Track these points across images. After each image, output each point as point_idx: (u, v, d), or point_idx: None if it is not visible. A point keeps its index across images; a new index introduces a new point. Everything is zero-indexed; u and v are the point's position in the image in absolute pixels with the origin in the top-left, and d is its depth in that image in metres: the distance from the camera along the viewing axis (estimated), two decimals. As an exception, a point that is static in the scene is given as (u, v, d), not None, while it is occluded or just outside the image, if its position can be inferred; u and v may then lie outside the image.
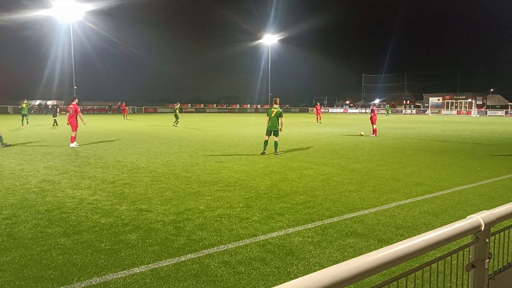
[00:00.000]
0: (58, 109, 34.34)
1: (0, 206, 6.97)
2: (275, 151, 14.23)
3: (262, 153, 14.07)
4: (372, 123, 23.20)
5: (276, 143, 14.27)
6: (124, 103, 52.46)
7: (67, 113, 16.94)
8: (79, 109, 16.97)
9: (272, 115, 14.02)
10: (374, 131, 23.11)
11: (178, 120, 31.91)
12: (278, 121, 13.96)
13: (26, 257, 4.73)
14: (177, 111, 32.33)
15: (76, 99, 17.36)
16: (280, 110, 14.11)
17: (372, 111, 23.71)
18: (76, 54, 72.96)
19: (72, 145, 16.37)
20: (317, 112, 41.50)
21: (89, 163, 12.03)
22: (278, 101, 14.46)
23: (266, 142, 14.29)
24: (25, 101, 32.54)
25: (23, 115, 31.15)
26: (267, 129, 14.19)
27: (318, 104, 44.23)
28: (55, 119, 32.84)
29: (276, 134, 14.10)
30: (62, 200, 7.48)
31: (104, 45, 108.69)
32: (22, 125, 30.94)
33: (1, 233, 5.59)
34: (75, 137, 16.59)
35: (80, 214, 6.53)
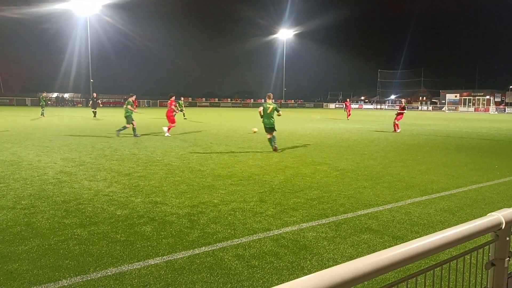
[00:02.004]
0: (99, 102, 35.10)
1: (18, 196, 7.11)
2: (276, 148, 13.58)
3: (274, 150, 13.52)
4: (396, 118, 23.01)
5: (274, 137, 13.59)
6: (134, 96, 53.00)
7: (167, 107, 20.21)
8: (173, 104, 19.99)
9: (268, 111, 13.27)
10: (396, 126, 22.99)
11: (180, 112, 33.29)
12: (273, 117, 13.29)
13: (44, 247, 4.82)
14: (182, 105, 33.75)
15: (174, 96, 20.17)
16: (275, 105, 13.45)
17: (403, 108, 23.51)
18: (93, 48, 73.85)
19: (167, 134, 19.00)
20: (347, 108, 38.18)
21: (104, 155, 12.18)
22: (272, 96, 13.74)
23: (270, 139, 13.68)
24: (44, 93, 36.10)
25: (42, 107, 34.11)
26: (264, 127, 13.46)
27: (348, 100, 40.80)
28: (94, 111, 33.94)
29: (272, 130, 13.41)
30: (79, 191, 7.59)
31: (120, 38, 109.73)
32: (41, 115, 33.15)
33: (19, 222, 5.70)
34: (170, 128, 19.38)
35: (96, 206, 6.62)
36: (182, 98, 36.17)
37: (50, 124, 24.81)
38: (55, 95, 79.95)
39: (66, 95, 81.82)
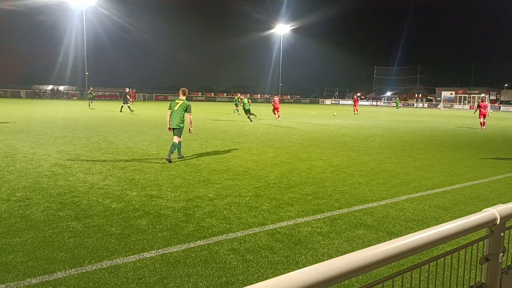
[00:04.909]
0: (128, 97, 34.46)
1: (13, 189, 7.08)
2: (176, 153, 10.70)
3: (178, 158, 10.61)
4: (483, 116, 24.71)
5: (174, 145, 10.35)
6: (133, 90, 52.93)
7: (273, 103, 29.17)
8: (276, 100, 29.05)
9: (176, 108, 10.45)
10: (482, 124, 24.70)
11: (238, 108, 34.40)
12: (182, 117, 10.44)
13: (39, 239, 4.81)
14: (239, 100, 34.28)
15: (278, 95, 29.59)
16: (188, 103, 10.55)
17: (483, 106, 25.08)
18: (89, 40, 73.36)
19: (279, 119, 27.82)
20: (354, 104, 42.52)
21: (100, 148, 12.14)
22: (186, 91, 10.87)
23: (174, 144, 10.47)
24: (91, 88, 44.52)
25: (89, 99, 41.25)
26: (170, 128, 10.58)
27: (355, 96, 47.48)
28: (128, 106, 33.60)
29: (178, 134, 10.44)
30: (74, 184, 7.57)
31: (116, 31, 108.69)
32: (89, 106, 39.55)
33: (14, 214, 5.68)
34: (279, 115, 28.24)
35: (91, 199, 6.60)
36: (238, 94, 35.79)
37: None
38: (50, 87, 79.42)
39: (61, 88, 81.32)
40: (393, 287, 1.73)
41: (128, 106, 33.53)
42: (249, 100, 28.07)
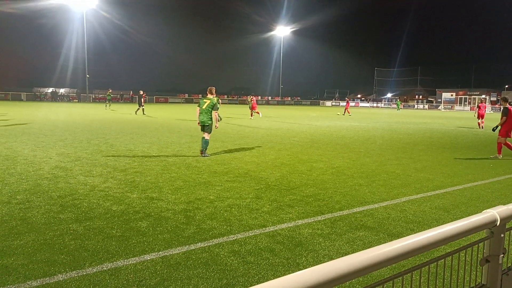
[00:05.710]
0: (142, 99, 33.93)
1: (14, 191, 7.08)
2: (203, 152, 11.55)
3: (201, 153, 11.52)
4: (480, 117, 26.05)
5: (204, 141, 11.54)
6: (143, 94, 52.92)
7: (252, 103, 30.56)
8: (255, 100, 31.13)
9: (203, 107, 11.41)
10: (480, 124, 26.00)
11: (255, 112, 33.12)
12: (210, 114, 11.46)
13: (39, 242, 4.81)
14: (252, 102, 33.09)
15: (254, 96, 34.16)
16: (215, 101, 11.56)
17: (482, 107, 26.45)
18: (89, 43, 73.54)
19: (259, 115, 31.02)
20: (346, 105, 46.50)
21: (100, 151, 12.14)
22: (213, 90, 11.75)
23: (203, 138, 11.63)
24: (110, 90, 45.99)
25: (107, 101, 43.62)
26: (200, 124, 11.62)
27: (347, 98, 55.61)
28: (143, 108, 33.39)
29: (207, 130, 11.49)
30: (74, 186, 7.57)
31: (116, 33, 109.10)
32: (105, 108, 41.67)
33: (15, 217, 5.68)
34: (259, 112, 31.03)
35: (92, 201, 6.60)
36: (251, 97, 34.93)
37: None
38: (50, 90, 79.56)
39: (62, 90, 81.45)
40: None
41: (137, 109, 33.53)
42: (220, 101, 29.17)
